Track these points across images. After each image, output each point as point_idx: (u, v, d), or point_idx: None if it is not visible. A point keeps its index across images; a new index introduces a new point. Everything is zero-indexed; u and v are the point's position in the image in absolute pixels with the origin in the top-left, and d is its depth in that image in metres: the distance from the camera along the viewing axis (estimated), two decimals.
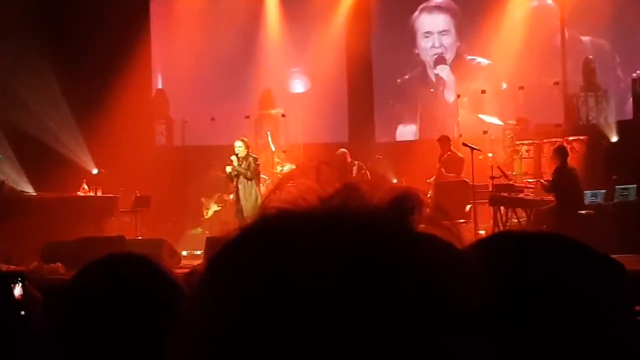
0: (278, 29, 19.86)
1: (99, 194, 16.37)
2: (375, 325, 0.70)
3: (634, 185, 14.59)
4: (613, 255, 1.19)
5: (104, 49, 17.54)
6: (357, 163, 16.41)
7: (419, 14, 19.65)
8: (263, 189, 15.13)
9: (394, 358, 0.71)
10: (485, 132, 17.65)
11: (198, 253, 15.40)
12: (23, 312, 3.65)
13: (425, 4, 19.61)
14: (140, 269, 1.79)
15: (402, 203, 0.78)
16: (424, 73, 19.59)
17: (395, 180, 16.92)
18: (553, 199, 13.96)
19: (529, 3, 18.78)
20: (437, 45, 19.47)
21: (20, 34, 16.86)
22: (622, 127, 16.90)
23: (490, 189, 15.02)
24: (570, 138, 16.43)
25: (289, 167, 17.67)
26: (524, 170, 16.74)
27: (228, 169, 14.88)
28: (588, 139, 16.52)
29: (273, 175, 16.87)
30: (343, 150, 16.58)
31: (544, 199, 14.33)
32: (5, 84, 16.89)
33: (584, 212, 13.81)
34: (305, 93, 20.00)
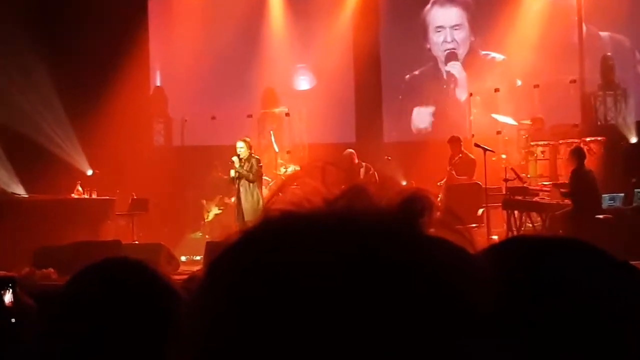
0: (282, 23, 19.83)
1: (94, 197, 16.36)
2: (382, 327, 0.70)
3: None
4: (632, 262, 1.19)
5: (99, 43, 17.51)
6: (364, 165, 16.38)
7: (431, 7, 19.63)
8: (265, 192, 15.12)
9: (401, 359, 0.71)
10: (499, 132, 17.63)
11: (197, 258, 15.38)
12: (14, 319, 3.65)
13: None
14: (136, 275, 1.79)
15: (411, 205, 0.78)
16: (436, 68, 19.57)
17: (405, 183, 16.92)
18: (569, 203, 13.94)
19: None
20: (449, 40, 19.45)
21: (13, 30, 16.86)
22: None
23: (504, 192, 15.01)
24: (588, 139, 16.40)
25: (293, 168, 17.62)
26: (539, 173, 16.72)
27: (232, 174, 14.89)
28: (606, 140, 16.50)
29: (276, 177, 16.86)
30: (350, 151, 16.55)
31: (560, 203, 14.29)
32: None
33: (602, 216, 13.78)
34: (311, 90, 19.96)
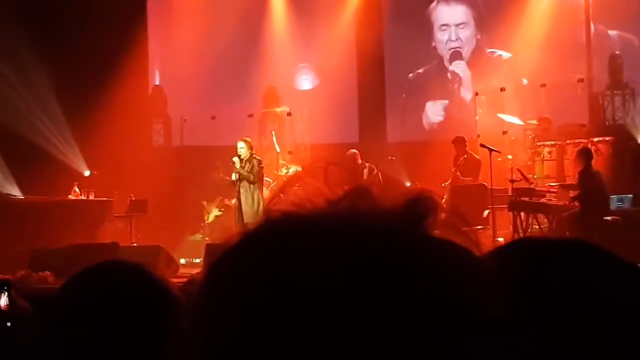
0: (283, 22, 19.83)
1: (92, 198, 16.36)
2: (386, 329, 0.70)
3: None
4: None
5: (98, 43, 17.53)
6: (368, 165, 16.39)
7: (437, 5, 19.64)
8: (266, 193, 15.12)
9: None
10: (505, 132, 17.61)
11: (197, 261, 15.39)
12: (9, 323, 3.65)
13: None
14: (134, 278, 1.79)
15: (415, 206, 0.78)
16: (441, 66, 19.56)
17: (409, 184, 16.92)
18: (577, 204, 13.94)
19: None
20: (453, 39, 19.45)
21: (11, 29, 16.88)
22: None
23: (510, 194, 15.00)
24: (595, 139, 16.38)
25: (295, 169, 17.61)
26: (546, 174, 16.70)
27: (234, 177, 14.90)
28: (614, 140, 16.48)
29: (278, 178, 16.84)
30: (353, 151, 16.56)
31: (567, 204, 14.29)
32: None
33: (610, 218, 13.77)
34: (313, 90, 19.97)
